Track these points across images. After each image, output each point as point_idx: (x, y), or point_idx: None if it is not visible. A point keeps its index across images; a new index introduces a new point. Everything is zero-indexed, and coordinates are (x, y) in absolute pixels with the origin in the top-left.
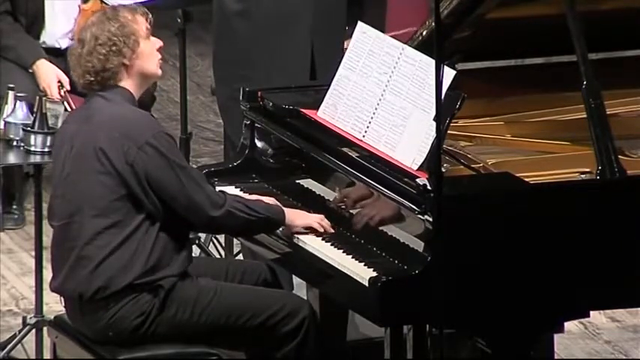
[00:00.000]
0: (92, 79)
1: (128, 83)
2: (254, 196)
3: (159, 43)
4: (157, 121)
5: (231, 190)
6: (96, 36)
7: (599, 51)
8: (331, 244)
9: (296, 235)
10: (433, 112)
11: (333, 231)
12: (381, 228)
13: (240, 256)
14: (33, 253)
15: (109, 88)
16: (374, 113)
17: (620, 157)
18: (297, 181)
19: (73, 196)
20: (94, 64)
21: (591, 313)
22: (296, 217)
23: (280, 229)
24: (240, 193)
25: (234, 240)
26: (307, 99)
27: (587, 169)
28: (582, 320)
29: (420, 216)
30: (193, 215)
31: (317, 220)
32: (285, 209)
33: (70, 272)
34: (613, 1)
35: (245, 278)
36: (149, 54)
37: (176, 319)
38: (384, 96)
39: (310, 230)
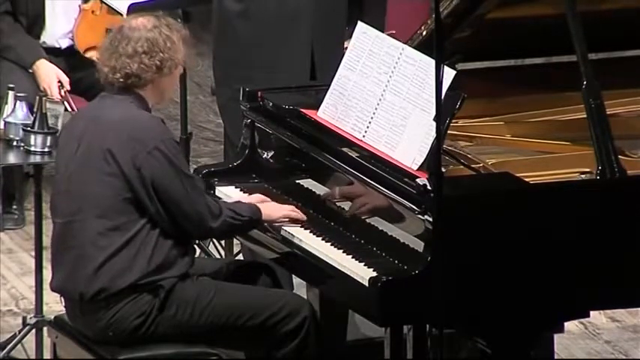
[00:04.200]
0: (121, 79)
1: (147, 94)
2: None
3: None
4: (166, 127)
5: (231, 190)
6: (145, 43)
7: (599, 51)
8: (331, 244)
9: (296, 235)
10: (433, 112)
11: (305, 218)
12: (381, 228)
13: (240, 256)
14: (33, 253)
15: (127, 93)
16: (374, 113)
17: (620, 157)
18: (297, 181)
19: (77, 195)
20: (131, 67)
21: (591, 313)
22: (270, 211)
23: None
24: (240, 193)
25: (234, 240)
26: (307, 99)
27: (587, 169)
28: (582, 320)
29: (420, 216)
30: (192, 224)
31: (290, 209)
32: (258, 205)
33: (71, 272)
34: (613, 1)
35: (245, 278)
36: (175, 80)
37: (176, 319)
38: (384, 96)
39: (287, 221)
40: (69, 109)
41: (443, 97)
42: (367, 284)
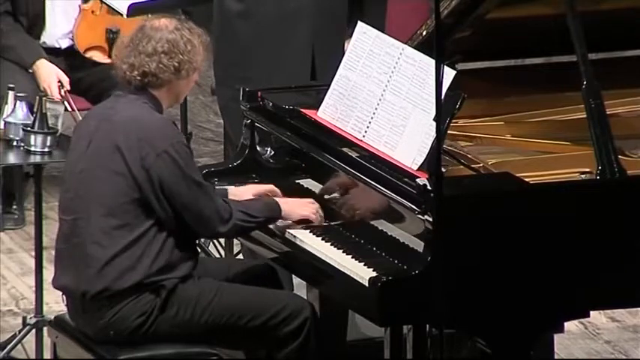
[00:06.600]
0: (138, 77)
1: (162, 95)
2: (250, 188)
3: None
4: (178, 130)
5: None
6: (165, 44)
7: (599, 51)
8: (331, 244)
9: (296, 235)
10: (433, 112)
11: (324, 221)
12: (381, 228)
13: (240, 256)
14: (33, 253)
15: (142, 92)
16: (374, 113)
17: (620, 157)
18: (297, 181)
19: (85, 193)
20: (150, 67)
21: (591, 313)
22: (291, 209)
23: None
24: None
25: (234, 240)
26: (307, 99)
27: (587, 169)
28: (582, 320)
29: (420, 216)
30: (201, 227)
31: (312, 210)
32: (279, 202)
33: (75, 269)
34: (613, 1)
35: (245, 278)
36: (191, 84)
37: (177, 319)
38: (384, 96)
39: (306, 222)
40: (69, 109)
41: (443, 97)
42: (367, 284)
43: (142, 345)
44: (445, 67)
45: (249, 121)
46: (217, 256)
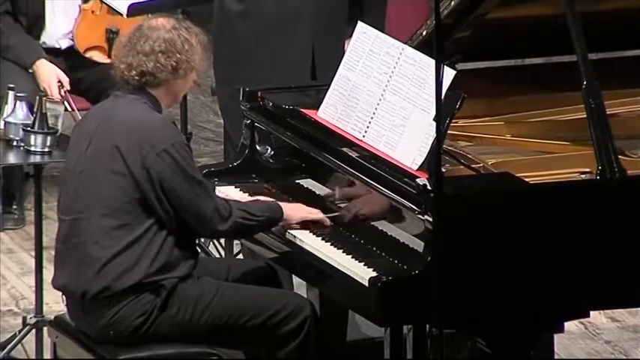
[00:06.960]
0: (136, 77)
1: (160, 95)
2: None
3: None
4: (178, 130)
5: (231, 189)
6: (163, 43)
7: (599, 51)
8: (331, 244)
9: (296, 235)
10: (433, 112)
11: (329, 222)
12: (381, 228)
13: (240, 256)
14: (33, 253)
15: (141, 92)
16: (374, 113)
17: (620, 157)
18: (297, 181)
19: (85, 193)
20: (147, 66)
21: (591, 313)
22: (293, 211)
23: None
24: (240, 193)
25: (234, 240)
26: (307, 99)
27: (587, 169)
28: (582, 320)
29: (420, 216)
30: (201, 226)
31: (313, 212)
32: (282, 205)
33: (75, 270)
34: (613, 1)
35: (245, 278)
36: (189, 83)
37: (177, 319)
38: (384, 96)
39: (307, 224)
40: (69, 109)
41: (443, 97)
42: (367, 284)
43: (142, 345)
44: (445, 67)
45: (249, 121)
46: (217, 256)
